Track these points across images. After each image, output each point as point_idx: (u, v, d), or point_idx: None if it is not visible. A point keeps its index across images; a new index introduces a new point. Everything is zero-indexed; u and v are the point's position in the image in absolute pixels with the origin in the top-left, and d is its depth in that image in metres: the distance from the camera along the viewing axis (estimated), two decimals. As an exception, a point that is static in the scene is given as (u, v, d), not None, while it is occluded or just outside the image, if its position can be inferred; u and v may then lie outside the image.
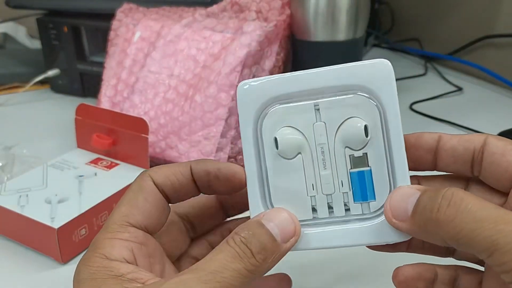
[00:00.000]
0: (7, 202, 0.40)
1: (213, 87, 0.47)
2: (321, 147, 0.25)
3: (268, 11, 0.51)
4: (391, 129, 0.24)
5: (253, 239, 0.22)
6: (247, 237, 0.22)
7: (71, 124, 0.51)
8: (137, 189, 0.25)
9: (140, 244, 0.24)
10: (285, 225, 0.23)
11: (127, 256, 0.23)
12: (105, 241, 0.23)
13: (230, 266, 0.21)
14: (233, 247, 0.22)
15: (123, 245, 0.23)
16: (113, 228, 0.24)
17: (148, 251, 0.24)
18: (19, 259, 0.39)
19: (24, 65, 0.81)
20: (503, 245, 0.18)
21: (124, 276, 0.22)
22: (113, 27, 0.57)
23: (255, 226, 0.23)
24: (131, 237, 0.24)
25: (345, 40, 0.50)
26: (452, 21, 0.84)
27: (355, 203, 0.24)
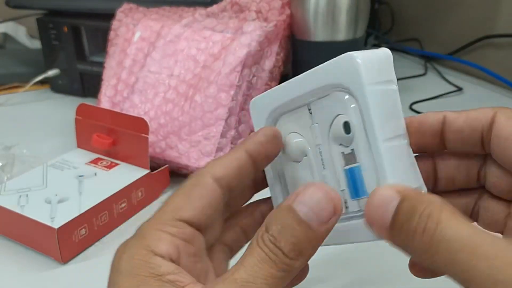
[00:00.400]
0: (7, 202, 0.40)
1: (213, 87, 0.47)
2: (318, 148, 0.25)
3: (268, 11, 0.51)
4: (366, 121, 0.23)
5: (283, 236, 0.20)
6: (276, 235, 0.20)
7: (71, 124, 0.51)
8: (194, 184, 0.23)
9: (186, 241, 0.22)
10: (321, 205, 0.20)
11: (172, 253, 0.21)
12: (153, 232, 0.22)
13: (261, 273, 0.19)
14: (262, 249, 0.20)
15: (169, 240, 0.21)
16: (163, 219, 0.22)
17: (193, 250, 0.23)
18: (19, 259, 0.39)
19: (24, 65, 0.81)
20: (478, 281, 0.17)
21: (164, 276, 0.20)
22: (113, 27, 0.57)
23: (285, 216, 0.20)
24: (179, 232, 0.22)
25: (345, 40, 0.50)
26: (452, 21, 0.84)
27: (353, 200, 0.24)
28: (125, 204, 0.43)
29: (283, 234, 0.20)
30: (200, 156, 0.47)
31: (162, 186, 0.48)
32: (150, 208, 0.46)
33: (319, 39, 0.50)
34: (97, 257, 0.39)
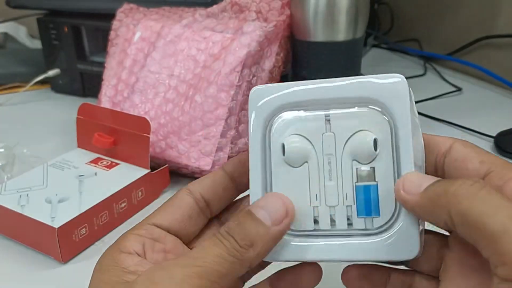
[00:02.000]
0: (7, 201, 0.40)
1: (213, 87, 0.47)
2: (328, 158, 0.24)
3: (268, 11, 0.51)
4: (401, 146, 0.23)
5: (237, 228, 0.23)
6: (232, 227, 0.23)
7: (71, 124, 0.51)
8: (171, 198, 0.28)
9: (153, 239, 0.26)
10: (276, 208, 0.23)
11: (137, 249, 0.25)
12: (123, 235, 0.26)
13: (213, 252, 0.22)
14: (217, 236, 0.23)
15: (135, 240, 0.25)
16: (137, 226, 0.26)
17: (164, 247, 0.26)
18: (19, 259, 0.39)
19: (25, 65, 0.81)
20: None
21: (127, 267, 0.23)
22: (113, 27, 0.57)
23: (243, 215, 0.23)
24: (146, 233, 0.26)
25: (344, 40, 0.50)
26: (451, 21, 0.84)
27: (359, 218, 0.24)
28: (125, 204, 0.43)
29: (238, 227, 0.23)
30: (200, 156, 0.47)
31: (162, 186, 0.48)
32: (150, 207, 0.46)
33: (319, 39, 0.50)
34: (97, 256, 0.39)
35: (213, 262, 0.22)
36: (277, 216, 0.23)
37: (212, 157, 0.46)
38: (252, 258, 0.23)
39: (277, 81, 0.51)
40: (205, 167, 0.46)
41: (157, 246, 0.26)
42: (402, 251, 0.23)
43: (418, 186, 0.21)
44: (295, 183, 0.25)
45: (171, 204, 0.27)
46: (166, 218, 0.27)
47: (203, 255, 0.22)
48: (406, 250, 0.23)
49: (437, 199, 0.20)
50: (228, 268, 0.22)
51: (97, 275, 0.24)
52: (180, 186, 0.49)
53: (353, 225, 0.24)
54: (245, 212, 0.23)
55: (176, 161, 0.48)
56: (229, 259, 0.22)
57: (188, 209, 0.27)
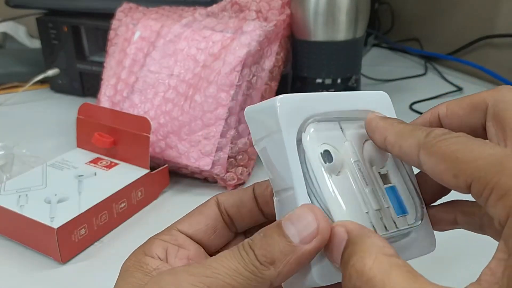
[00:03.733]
0: (6, 202, 0.40)
1: (213, 87, 0.47)
2: (357, 164, 0.24)
3: (268, 10, 0.51)
4: None
5: (259, 242, 0.21)
6: (255, 240, 0.21)
7: (70, 123, 0.51)
8: (200, 205, 0.28)
9: (177, 246, 0.26)
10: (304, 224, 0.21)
11: (160, 253, 0.25)
12: (149, 240, 0.26)
13: (228, 264, 0.20)
14: (238, 248, 0.21)
15: (159, 244, 0.25)
16: (164, 231, 0.26)
17: (188, 254, 0.26)
18: (19, 259, 0.39)
19: (24, 64, 0.80)
20: None
21: (150, 271, 0.23)
22: (113, 26, 0.57)
23: (270, 228, 0.21)
24: (171, 239, 0.26)
25: (345, 40, 0.50)
26: (452, 21, 0.84)
27: (399, 217, 0.24)
28: (124, 204, 0.43)
29: (261, 241, 0.21)
30: (200, 156, 0.47)
31: (162, 186, 0.48)
32: (150, 208, 0.46)
33: (319, 39, 0.50)
34: (97, 257, 0.39)
35: (226, 274, 0.20)
36: (306, 233, 0.21)
37: (212, 157, 0.46)
38: (273, 278, 0.20)
39: (277, 81, 0.51)
40: (205, 167, 0.46)
41: (180, 252, 0.26)
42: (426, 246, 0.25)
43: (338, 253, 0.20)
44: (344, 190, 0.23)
45: (199, 212, 0.27)
46: (191, 226, 0.27)
47: (217, 265, 0.20)
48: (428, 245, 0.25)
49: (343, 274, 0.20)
50: (242, 284, 0.20)
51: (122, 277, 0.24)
52: (180, 186, 0.49)
53: (397, 225, 0.24)
54: (275, 225, 0.21)
55: (175, 161, 0.48)
56: (244, 274, 0.20)
57: (214, 220, 0.27)
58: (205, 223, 0.27)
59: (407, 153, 0.21)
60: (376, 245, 0.19)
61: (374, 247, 0.19)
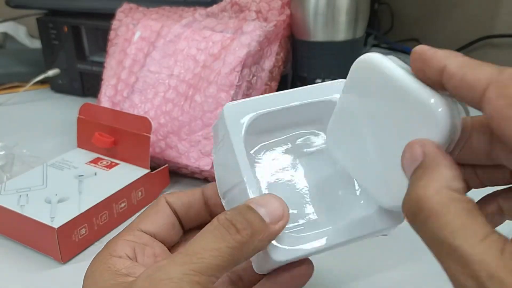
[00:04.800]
0: (7, 201, 0.40)
1: (213, 87, 0.47)
2: None
3: (268, 11, 0.51)
4: None
5: (238, 217, 0.23)
6: (233, 215, 0.23)
7: (71, 123, 0.51)
8: (151, 206, 0.29)
9: (143, 244, 0.27)
10: (273, 208, 0.24)
11: (128, 253, 0.25)
12: (112, 241, 0.27)
13: (210, 245, 0.22)
14: (216, 227, 0.22)
15: (126, 244, 0.26)
16: (125, 231, 0.27)
17: (154, 251, 0.27)
18: (19, 259, 0.39)
19: (24, 64, 0.81)
20: None
21: (119, 270, 0.24)
22: (113, 26, 0.57)
23: (243, 208, 0.23)
24: (136, 238, 0.27)
25: (344, 40, 0.50)
26: (452, 21, 0.84)
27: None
28: (125, 204, 0.43)
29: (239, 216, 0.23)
30: (199, 156, 0.47)
31: (162, 186, 0.48)
32: (150, 208, 0.46)
33: (319, 39, 0.50)
34: (97, 256, 0.39)
35: (211, 256, 0.22)
36: (275, 215, 0.24)
37: (212, 157, 0.46)
38: (248, 252, 0.23)
39: (277, 81, 0.51)
40: (205, 167, 0.46)
41: (147, 250, 0.27)
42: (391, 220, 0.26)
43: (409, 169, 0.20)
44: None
45: (156, 212, 0.29)
46: (153, 225, 0.28)
47: (200, 250, 0.22)
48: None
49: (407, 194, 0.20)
50: (226, 261, 0.22)
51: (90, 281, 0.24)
52: (180, 186, 0.49)
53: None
54: (245, 206, 0.24)
55: (176, 161, 0.48)
56: (227, 252, 0.22)
57: (171, 218, 0.29)
58: (164, 221, 0.28)
59: (471, 86, 0.19)
60: (444, 176, 0.19)
61: (441, 178, 0.18)
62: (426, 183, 0.19)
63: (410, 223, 0.19)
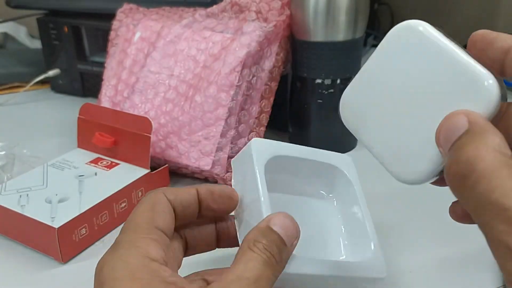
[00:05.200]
0: (7, 201, 0.40)
1: (213, 87, 0.47)
2: None
3: (268, 11, 0.51)
4: None
5: (273, 246, 0.24)
6: (269, 244, 0.24)
7: (71, 124, 0.51)
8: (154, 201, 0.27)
9: (166, 246, 0.25)
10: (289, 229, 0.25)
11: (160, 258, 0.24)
12: (141, 240, 0.24)
13: (265, 274, 0.23)
14: (260, 255, 0.24)
15: (157, 246, 0.24)
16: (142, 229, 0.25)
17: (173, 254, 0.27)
18: (19, 259, 0.39)
19: (25, 65, 0.81)
20: None
21: (166, 278, 0.22)
22: (113, 27, 0.57)
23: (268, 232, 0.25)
24: (160, 240, 0.25)
25: (344, 40, 0.50)
26: (452, 21, 0.84)
27: None
28: (125, 204, 0.43)
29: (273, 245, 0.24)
30: (200, 156, 0.47)
31: (162, 186, 0.48)
32: (150, 208, 0.46)
33: (319, 39, 0.50)
34: (97, 256, 0.39)
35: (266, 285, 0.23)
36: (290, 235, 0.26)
37: (212, 157, 0.46)
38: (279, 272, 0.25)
39: (277, 81, 0.51)
40: (205, 167, 0.46)
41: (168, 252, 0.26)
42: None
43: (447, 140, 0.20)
44: None
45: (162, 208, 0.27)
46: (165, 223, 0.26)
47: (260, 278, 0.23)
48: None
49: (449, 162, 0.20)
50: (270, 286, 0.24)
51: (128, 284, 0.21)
52: (180, 186, 0.49)
53: None
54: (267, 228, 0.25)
55: (176, 161, 0.48)
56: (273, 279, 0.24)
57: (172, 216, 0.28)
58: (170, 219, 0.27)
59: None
60: (494, 141, 0.19)
61: (493, 143, 0.19)
62: (478, 145, 0.19)
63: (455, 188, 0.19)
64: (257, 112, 0.49)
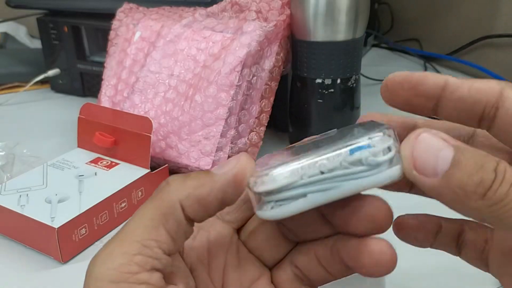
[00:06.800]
0: (7, 201, 0.40)
1: (213, 87, 0.47)
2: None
3: (268, 11, 0.51)
4: None
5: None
6: None
7: (71, 123, 0.51)
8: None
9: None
10: (228, 162, 0.21)
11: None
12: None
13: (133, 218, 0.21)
14: None
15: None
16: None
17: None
18: (19, 259, 0.39)
19: (25, 64, 0.81)
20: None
21: None
22: (113, 26, 0.57)
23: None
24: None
25: (344, 40, 0.50)
26: (451, 21, 0.84)
27: (352, 155, 0.22)
28: (125, 204, 0.43)
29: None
30: (200, 156, 0.47)
31: (162, 186, 0.48)
32: (150, 207, 0.46)
33: (319, 39, 0.50)
34: (97, 256, 0.39)
35: (133, 222, 0.21)
36: (226, 166, 0.21)
37: (212, 157, 0.46)
38: (181, 197, 0.21)
39: (277, 81, 0.51)
40: (205, 167, 0.46)
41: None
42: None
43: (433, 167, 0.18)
44: None
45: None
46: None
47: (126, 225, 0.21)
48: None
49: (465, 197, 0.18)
50: (151, 219, 0.20)
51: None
52: (180, 186, 0.49)
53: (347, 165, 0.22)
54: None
55: (176, 161, 0.48)
56: (152, 210, 0.21)
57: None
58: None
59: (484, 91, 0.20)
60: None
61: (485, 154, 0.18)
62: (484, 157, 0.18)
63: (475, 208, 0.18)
64: (257, 112, 0.49)
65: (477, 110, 0.20)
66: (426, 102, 0.22)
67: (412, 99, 0.22)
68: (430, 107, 0.22)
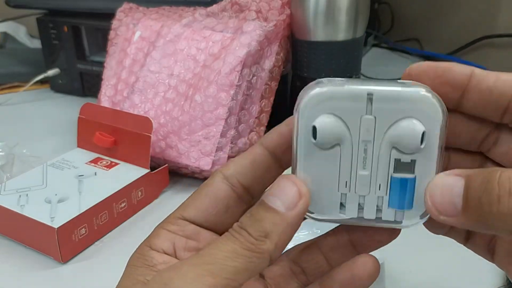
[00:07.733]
0: (7, 201, 0.40)
1: (213, 87, 0.47)
2: (364, 144, 0.21)
3: (268, 11, 0.51)
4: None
5: (248, 221, 0.21)
6: (244, 221, 0.21)
7: (71, 123, 0.51)
8: (205, 184, 0.24)
9: (186, 237, 0.23)
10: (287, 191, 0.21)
11: (166, 248, 0.23)
12: (154, 231, 0.24)
13: (224, 247, 0.20)
14: (230, 232, 0.21)
15: (166, 237, 0.23)
16: (169, 218, 0.24)
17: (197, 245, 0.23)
18: (19, 259, 0.39)
19: (24, 64, 0.81)
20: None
21: (155, 266, 0.22)
22: (113, 26, 0.57)
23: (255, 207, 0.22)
24: (178, 229, 0.23)
25: (344, 40, 0.50)
26: (452, 21, 0.84)
27: (389, 209, 0.22)
28: (125, 204, 0.43)
29: (250, 219, 0.21)
30: (200, 156, 0.47)
31: (162, 186, 0.48)
32: (150, 207, 0.46)
33: (319, 39, 0.50)
34: (97, 256, 0.39)
35: (226, 257, 0.20)
36: (290, 200, 0.21)
37: (212, 157, 0.46)
38: (271, 250, 0.21)
39: (277, 81, 0.51)
40: (205, 167, 0.46)
41: (189, 243, 0.23)
42: None
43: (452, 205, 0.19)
44: (324, 166, 0.22)
45: (204, 194, 0.24)
46: (199, 212, 0.23)
47: (215, 251, 0.20)
48: None
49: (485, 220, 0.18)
50: (243, 263, 0.20)
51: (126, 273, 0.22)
52: (180, 186, 0.49)
53: (383, 216, 0.22)
54: (258, 203, 0.22)
55: (176, 161, 0.48)
56: (244, 253, 0.20)
57: (224, 199, 0.24)
58: (214, 205, 0.23)
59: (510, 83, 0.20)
60: None
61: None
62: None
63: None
64: (257, 111, 0.49)
65: (502, 102, 0.20)
66: (452, 92, 0.21)
67: (437, 88, 0.21)
68: (455, 98, 0.21)
